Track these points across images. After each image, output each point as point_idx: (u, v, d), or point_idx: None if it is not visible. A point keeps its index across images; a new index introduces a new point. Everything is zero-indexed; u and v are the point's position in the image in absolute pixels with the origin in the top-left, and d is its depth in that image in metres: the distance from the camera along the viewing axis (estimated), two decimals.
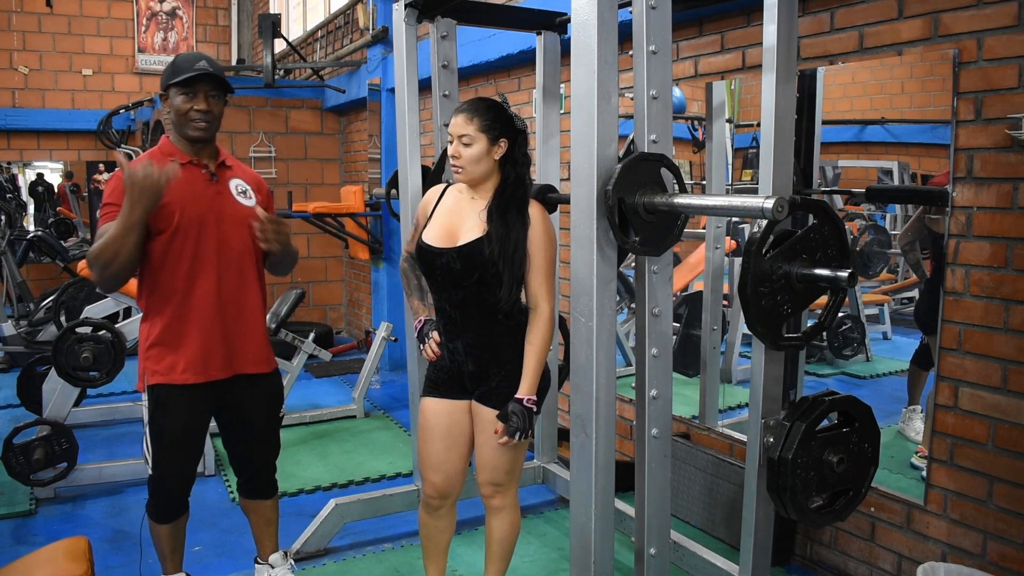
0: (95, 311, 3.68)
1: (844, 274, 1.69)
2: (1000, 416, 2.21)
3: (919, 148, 2.72)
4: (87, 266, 2.17)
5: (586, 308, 1.84)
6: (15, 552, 2.92)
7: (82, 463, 3.54)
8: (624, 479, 2.07)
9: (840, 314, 2.99)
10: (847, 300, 3.16)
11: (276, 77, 6.15)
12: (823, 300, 1.80)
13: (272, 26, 5.97)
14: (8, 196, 7.61)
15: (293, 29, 8.07)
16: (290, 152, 6.74)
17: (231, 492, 3.49)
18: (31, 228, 8.00)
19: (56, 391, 3.48)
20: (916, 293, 3.07)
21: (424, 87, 3.09)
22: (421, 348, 2.29)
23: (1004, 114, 2.12)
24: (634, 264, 1.92)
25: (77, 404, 3.80)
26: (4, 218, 6.75)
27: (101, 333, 3.40)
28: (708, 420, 3.27)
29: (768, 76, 1.79)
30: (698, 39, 3.09)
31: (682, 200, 1.76)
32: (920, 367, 2.68)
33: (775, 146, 1.80)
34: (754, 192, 1.96)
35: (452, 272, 2.12)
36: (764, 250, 1.69)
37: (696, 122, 3.61)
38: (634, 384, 1.97)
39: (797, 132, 2.22)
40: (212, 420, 2.43)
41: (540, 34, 3.07)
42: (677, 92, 3.40)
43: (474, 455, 2.29)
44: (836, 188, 2.98)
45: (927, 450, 2.42)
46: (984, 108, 2.17)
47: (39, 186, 8.60)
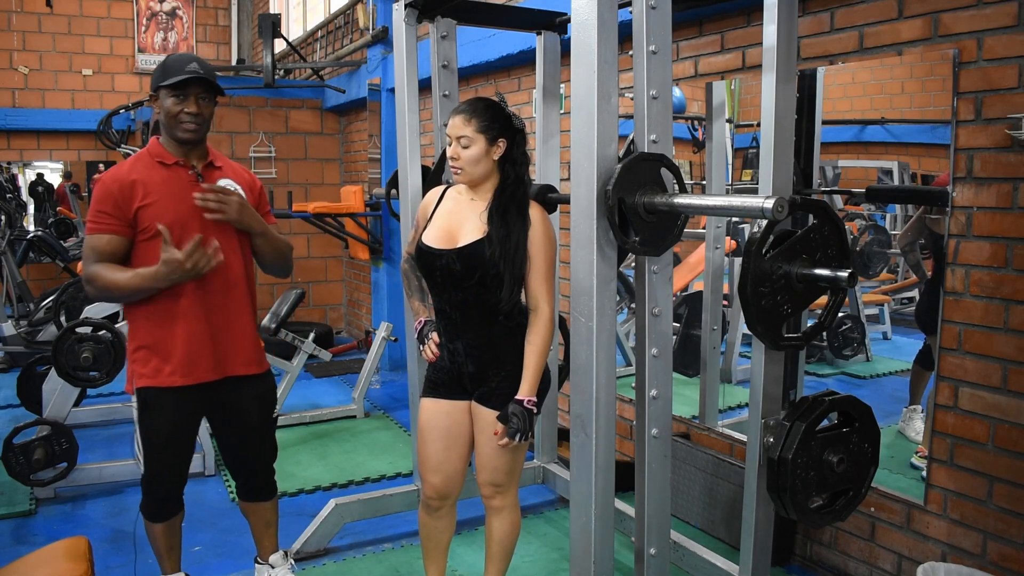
0: (95, 311, 3.67)
1: (844, 274, 1.69)
2: (1000, 416, 2.21)
3: (919, 148, 2.72)
4: (85, 281, 2.19)
5: (586, 308, 1.84)
6: (15, 552, 2.92)
7: (82, 463, 3.54)
8: (624, 479, 2.07)
9: (840, 314, 2.99)
10: (847, 300, 3.16)
11: (276, 77, 6.15)
12: (823, 300, 1.80)
13: (272, 26, 5.97)
14: (8, 196, 7.60)
15: (293, 29, 8.07)
16: (290, 152, 6.74)
17: (231, 492, 3.49)
18: (31, 228, 8.00)
19: (56, 391, 3.48)
20: (916, 293, 3.07)
21: (424, 87, 3.09)
22: (421, 349, 2.29)
23: (1004, 114, 2.12)
24: (634, 264, 1.92)
25: (77, 404, 3.80)
26: (4, 218, 6.74)
27: (101, 333, 3.40)
28: (708, 420, 3.27)
29: (768, 76, 1.80)
30: (698, 39, 3.09)
31: (682, 200, 1.76)
32: (923, 367, 2.68)
33: (775, 146, 1.80)
34: (754, 192, 1.96)
35: (452, 273, 2.12)
36: (764, 250, 1.69)
37: (696, 122, 3.61)
38: (634, 384, 1.97)
39: (797, 132, 2.22)
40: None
41: (540, 34, 3.07)
42: (677, 92, 3.40)
43: (474, 456, 2.29)
44: (836, 188, 2.98)
45: (927, 450, 2.42)
46: (984, 108, 2.17)
47: (39, 186, 8.59)
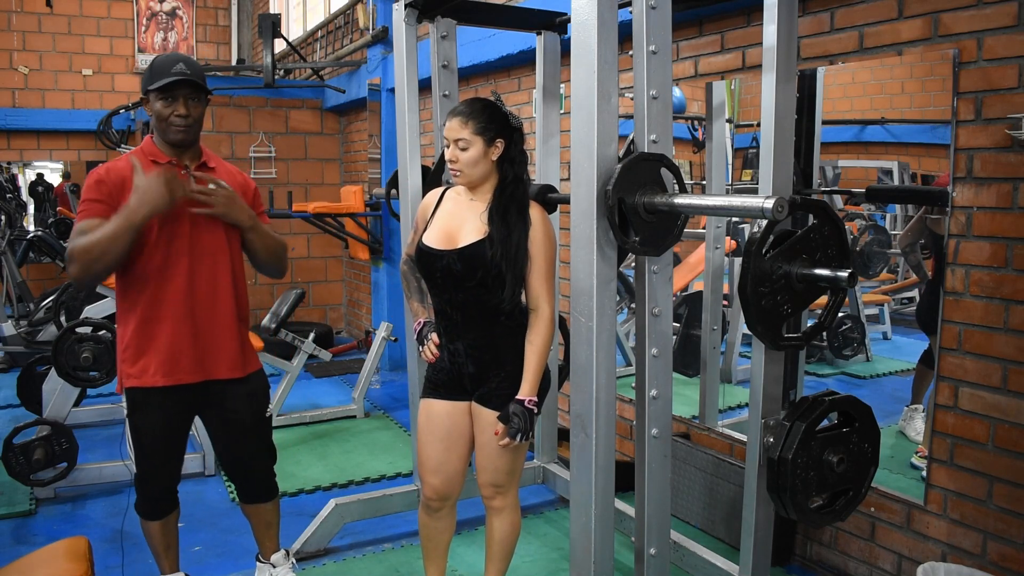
0: (95, 311, 3.67)
1: (844, 274, 1.69)
2: (1000, 416, 2.21)
3: (919, 148, 2.71)
4: (66, 263, 2.09)
5: (586, 308, 1.84)
6: (15, 552, 2.92)
7: (82, 463, 3.54)
8: (624, 479, 2.07)
9: (840, 314, 2.99)
10: (847, 300, 3.16)
11: (276, 77, 6.15)
12: (823, 300, 1.80)
13: (272, 26, 5.97)
14: (8, 196, 7.60)
15: (293, 29, 8.07)
16: (290, 152, 6.74)
17: (231, 492, 3.49)
18: (31, 228, 8.00)
19: (56, 391, 3.48)
20: (916, 293, 3.08)
21: (424, 87, 3.09)
22: (420, 350, 2.29)
23: (1004, 114, 2.12)
24: (634, 264, 1.92)
25: (77, 404, 3.79)
26: (4, 218, 6.75)
27: (101, 333, 3.40)
28: (708, 420, 3.27)
29: (768, 76, 1.80)
30: (698, 39, 3.09)
31: (682, 200, 1.76)
32: (928, 366, 2.67)
33: (775, 146, 1.80)
34: (754, 192, 1.96)
35: (453, 274, 2.12)
36: (764, 250, 1.69)
37: (696, 122, 3.60)
38: (634, 384, 1.97)
39: (797, 132, 2.22)
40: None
41: (540, 34, 3.07)
42: (677, 92, 3.40)
43: (474, 456, 2.29)
44: (836, 188, 2.98)
45: (927, 450, 2.42)
46: (984, 108, 2.17)
47: (39, 186, 8.59)
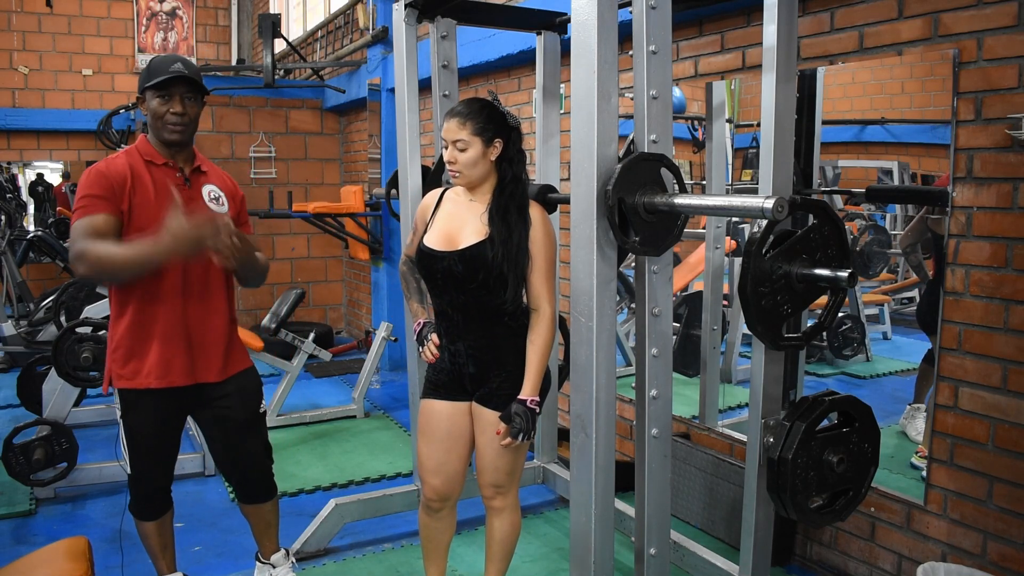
0: (95, 311, 3.66)
1: (844, 274, 1.69)
2: (1000, 416, 2.21)
3: (919, 148, 2.72)
4: (74, 259, 2.06)
5: (586, 308, 1.84)
6: (15, 552, 2.92)
7: (82, 463, 3.54)
8: (624, 479, 2.08)
9: (840, 314, 2.99)
10: (847, 300, 3.16)
11: (276, 77, 6.15)
12: (823, 300, 1.80)
13: (272, 26, 5.97)
14: (8, 196, 7.60)
15: (293, 29, 8.07)
16: (290, 152, 6.74)
17: (231, 492, 3.49)
18: (31, 228, 8.00)
19: (56, 391, 3.48)
20: (916, 293, 3.07)
21: (424, 87, 3.09)
22: (420, 351, 2.29)
23: (1004, 114, 2.12)
24: (634, 264, 1.92)
25: (77, 404, 3.79)
26: (4, 218, 6.74)
27: (101, 333, 3.39)
28: (708, 420, 3.27)
29: (768, 76, 1.80)
30: (698, 39, 3.09)
31: (682, 200, 1.76)
32: (931, 365, 2.68)
33: (775, 146, 1.80)
34: (754, 192, 1.96)
35: (454, 275, 2.12)
36: (764, 250, 1.69)
37: (696, 122, 3.61)
38: (634, 384, 1.97)
39: (797, 132, 2.23)
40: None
41: (540, 34, 3.07)
42: (677, 92, 3.40)
43: (474, 457, 2.28)
44: (836, 188, 2.98)
45: (927, 450, 2.42)
46: (984, 108, 2.17)
47: (39, 186, 8.58)
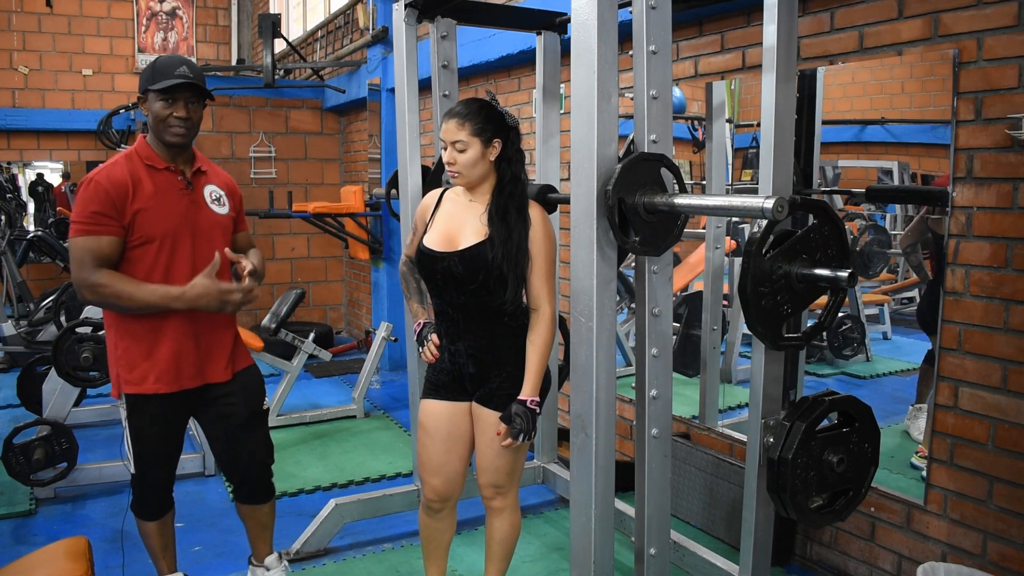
0: (95, 311, 3.67)
1: (844, 274, 1.69)
2: (1000, 416, 2.21)
3: (919, 148, 2.71)
4: (84, 288, 2.11)
5: (586, 308, 1.84)
6: (15, 552, 2.92)
7: (82, 463, 3.54)
8: (624, 479, 2.08)
9: (840, 314, 2.99)
10: (847, 300, 3.16)
11: (276, 77, 6.15)
12: (823, 300, 1.80)
13: (272, 26, 5.97)
14: (8, 196, 7.59)
15: (293, 29, 8.07)
16: (290, 152, 6.74)
17: (231, 492, 3.48)
18: (31, 228, 7.99)
19: (56, 391, 3.48)
20: (916, 293, 3.07)
21: (424, 87, 3.09)
22: (420, 351, 2.29)
23: (1004, 114, 2.12)
24: (634, 264, 1.92)
25: (77, 404, 3.79)
26: (4, 218, 6.74)
27: (101, 333, 3.39)
28: (708, 420, 3.27)
29: (768, 76, 1.79)
30: (698, 39, 3.09)
31: (682, 200, 1.76)
32: (932, 365, 2.68)
33: (775, 146, 1.80)
34: (754, 192, 1.96)
35: (454, 276, 2.12)
36: (764, 250, 1.69)
37: (696, 122, 3.60)
38: (634, 384, 1.97)
39: (797, 132, 2.22)
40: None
41: (540, 34, 3.07)
42: (677, 92, 3.40)
43: (474, 457, 2.28)
44: (836, 188, 2.98)
45: (927, 450, 2.42)
46: (984, 108, 2.17)
47: (39, 186, 8.58)
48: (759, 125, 1.83)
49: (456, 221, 2.17)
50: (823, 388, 1.94)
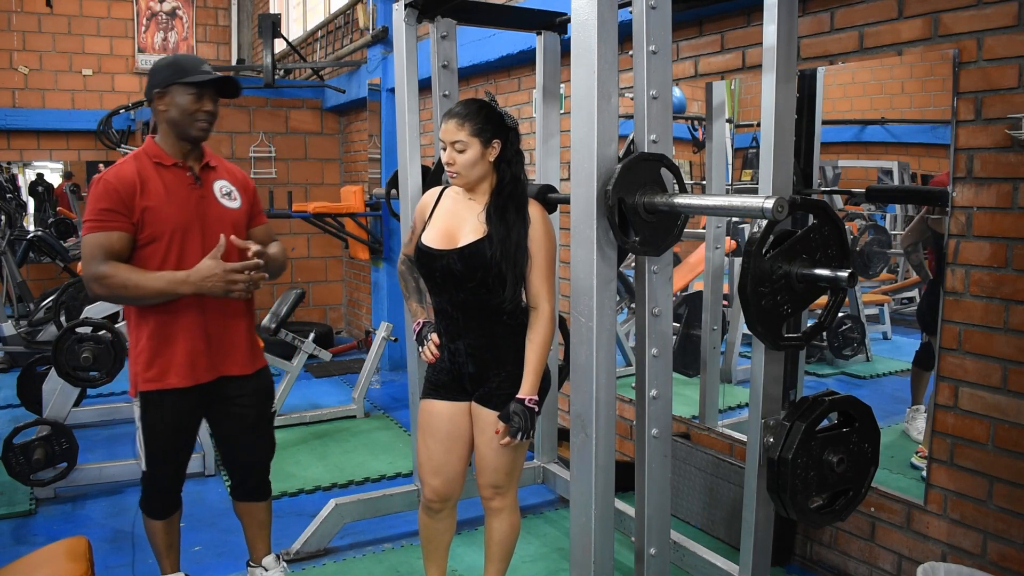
0: (95, 311, 3.66)
1: (844, 274, 1.69)
2: (1000, 416, 2.21)
3: (919, 148, 2.72)
4: (92, 280, 2.14)
5: (586, 308, 1.84)
6: (15, 552, 2.92)
7: (82, 463, 3.54)
8: (624, 479, 2.07)
9: (840, 314, 2.99)
10: (847, 300, 3.16)
11: (276, 77, 6.15)
12: (823, 300, 1.80)
13: (272, 26, 5.97)
14: (8, 196, 7.59)
15: (293, 29, 8.07)
16: (290, 152, 6.74)
17: (230, 490, 3.49)
18: (31, 228, 8.00)
19: (56, 391, 3.48)
20: (916, 293, 3.08)
21: (424, 87, 3.09)
22: (420, 350, 2.29)
23: (1004, 114, 2.12)
24: (634, 264, 1.92)
25: (77, 404, 3.79)
26: (4, 218, 6.74)
27: (101, 333, 3.40)
28: (708, 420, 3.27)
29: (768, 76, 1.79)
30: (698, 39, 3.09)
31: (682, 200, 1.76)
32: (922, 368, 2.68)
33: (775, 146, 1.80)
34: (754, 192, 1.96)
35: (453, 274, 2.12)
36: (764, 250, 1.69)
37: (696, 122, 3.60)
38: (634, 384, 1.97)
39: (797, 132, 2.22)
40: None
41: (540, 34, 3.07)
42: (677, 92, 3.40)
43: (474, 457, 2.29)
44: (836, 188, 2.98)
45: (927, 450, 2.42)
46: (984, 108, 2.17)
47: (39, 186, 8.59)
48: (759, 125, 1.83)
49: (455, 219, 2.17)
50: (823, 388, 1.94)
